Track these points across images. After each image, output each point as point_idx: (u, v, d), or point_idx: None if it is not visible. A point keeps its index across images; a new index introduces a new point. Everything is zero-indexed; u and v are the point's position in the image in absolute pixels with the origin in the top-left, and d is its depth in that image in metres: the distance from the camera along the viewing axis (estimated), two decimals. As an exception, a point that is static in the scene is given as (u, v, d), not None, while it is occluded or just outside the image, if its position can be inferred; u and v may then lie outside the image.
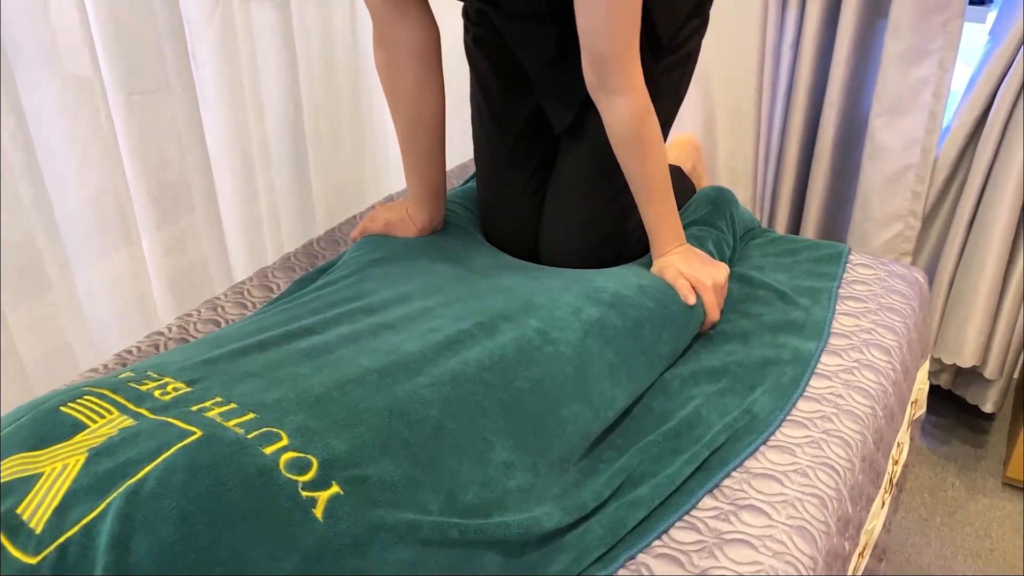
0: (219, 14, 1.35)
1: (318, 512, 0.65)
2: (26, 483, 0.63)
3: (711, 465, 0.92)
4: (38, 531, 0.60)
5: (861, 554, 1.06)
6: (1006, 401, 2.15)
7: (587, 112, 1.15)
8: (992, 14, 1.76)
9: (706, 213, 1.29)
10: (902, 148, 1.79)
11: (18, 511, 0.61)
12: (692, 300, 1.07)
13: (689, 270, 1.10)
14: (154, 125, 1.30)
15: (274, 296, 1.22)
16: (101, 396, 0.72)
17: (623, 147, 1.09)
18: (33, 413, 0.70)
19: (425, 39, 1.16)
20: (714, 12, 1.26)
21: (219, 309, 1.19)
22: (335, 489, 0.68)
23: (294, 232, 1.60)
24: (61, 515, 0.61)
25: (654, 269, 1.13)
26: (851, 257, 1.31)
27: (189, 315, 1.17)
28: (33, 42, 1.15)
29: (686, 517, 0.86)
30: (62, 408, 0.70)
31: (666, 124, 1.22)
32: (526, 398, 0.87)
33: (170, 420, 0.69)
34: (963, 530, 1.81)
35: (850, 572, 1.00)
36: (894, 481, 1.18)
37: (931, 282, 1.89)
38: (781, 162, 1.95)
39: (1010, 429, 2.03)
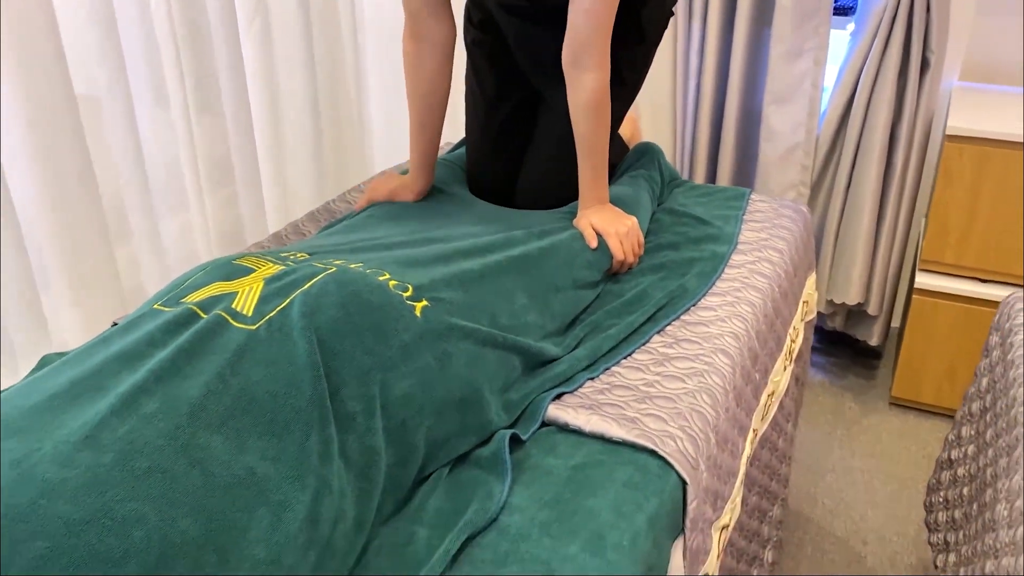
0: (259, 21, 1.68)
1: (417, 312, 0.98)
2: (229, 296, 0.94)
3: (657, 318, 1.27)
4: (250, 315, 0.90)
5: (771, 395, 1.42)
6: (889, 340, 2.57)
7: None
8: (851, 25, 2.21)
9: (639, 162, 1.66)
10: (790, 130, 2.21)
11: (233, 306, 0.92)
12: (594, 244, 1.35)
13: (600, 222, 1.37)
14: (211, 107, 1.60)
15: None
16: (258, 255, 1.04)
17: (583, 116, 1.33)
18: (215, 263, 1.01)
19: (449, 35, 1.45)
20: None
21: (283, 238, 1.50)
22: (425, 303, 1.01)
23: (311, 197, 1.92)
24: (261, 307, 0.91)
25: (575, 221, 1.41)
26: (752, 197, 1.70)
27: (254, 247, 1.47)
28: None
29: (642, 348, 1.21)
30: (234, 262, 1.02)
31: (633, 96, 1.56)
32: (533, 270, 1.22)
33: (312, 263, 1.01)
34: (859, 438, 2.20)
35: (761, 403, 1.36)
36: (792, 356, 1.55)
37: (821, 236, 2.30)
38: (695, 146, 2.35)
39: (894, 362, 2.44)
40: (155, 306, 0.95)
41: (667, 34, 2.26)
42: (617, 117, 1.53)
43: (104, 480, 0.69)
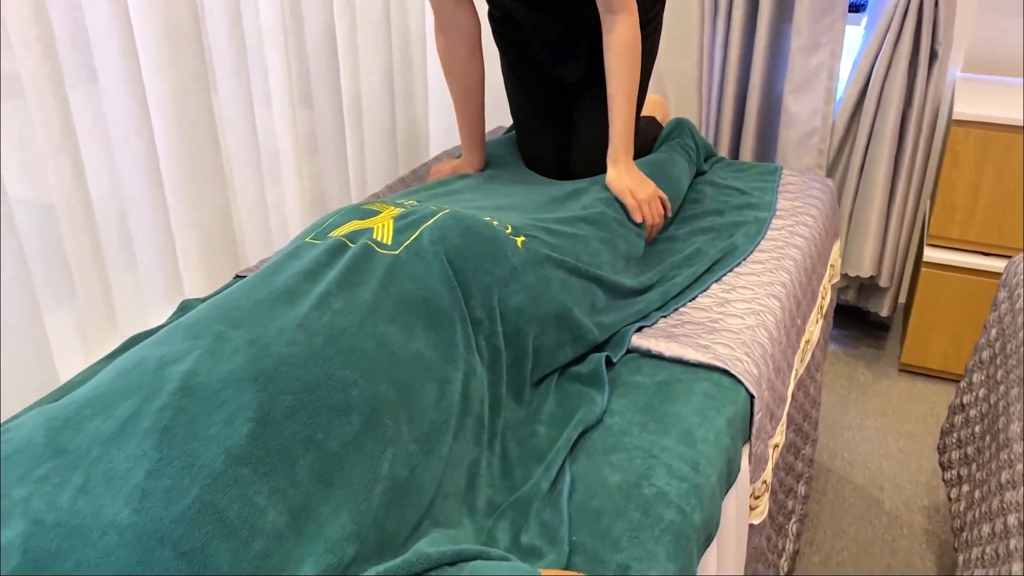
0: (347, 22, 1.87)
1: (518, 244, 1.16)
2: (367, 231, 1.11)
3: (714, 269, 1.46)
4: (390, 244, 1.08)
5: (808, 342, 1.61)
6: (896, 315, 2.77)
7: (593, 67, 1.66)
8: (865, 20, 2.40)
9: (672, 133, 1.84)
10: (808, 116, 2.40)
11: (374, 237, 1.09)
12: (639, 218, 1.48)
13: (631, 186, 1.50)
14: (309, 100, 1.79)
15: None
16: (379, 202, 1.22)
17: (618, 58, 1.44)
18: (347, 208, 1.19)
19: (473, 24, 1.61)
20: (664, 21, 1.81)
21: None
22: (523, 238, 1.19)
23: (386, 173, 2.12)
24: (396, 237, 1.09)
25: (613, 189, 1.49)
26: (784, 173, 1.89)
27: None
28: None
29: (704, 293, 1.40)
30: (363, 207, 1.19)
31: (647, 78, 1.75)
32: (599, 220, 1.40)
33: (427, 206, 1.19)
34: (872, 400, 2.39)
35: (800, 347, 1.54)
36: (823, 311, 1.73)
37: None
38: (718, 132, 2.53)
39: (902, 334, 2.63)
40: (307, 239, 1.13)
41: (694, 28, 2.45)
42: (649, 55, 1.69)
43: (321, 354, 0.87)
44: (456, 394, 0.96)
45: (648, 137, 1.85)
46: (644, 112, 2.03)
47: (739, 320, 1.32)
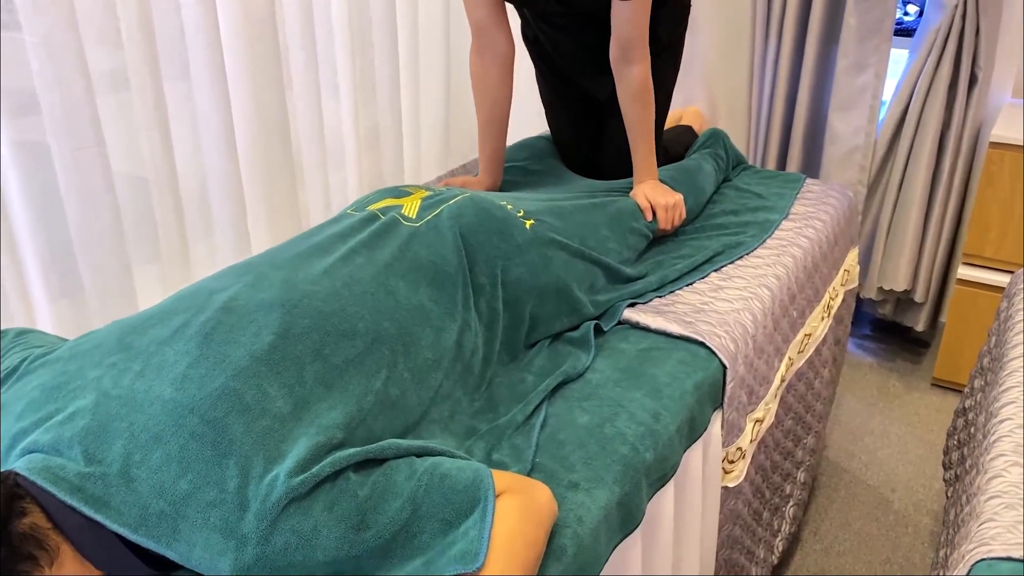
0: (409, 28, 2.10)
1: (527, 226, 1.35)
2: (398, 207, 1.32)
3: (714, 260, 1.60)
4: (414, 218, 1.28)
5: (808, 336, 1.73)
6: (936, 331, 2.82)
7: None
8: (911, 42, 2.49)
9: (706, 142, 1.99)
10: (851, 134, 2.50)
11: (402, 212, 1.30)
12: (649, 217, 1.64)
13: (651, 195, 1.66)
14: (371, 96, 2.03)
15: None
16: (413, 186, 1.43)
17: (632, 102, 1.60)
18: (385, 188, 1.40)
19: (508, 49, 1.69)
20: (715, 38, 1.95)
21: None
22: (532, 221, 1.37)
23: (437, 165, 2.34)
24: (421, 214, 1.29)
25: (632, 193, 1.66)
26: (807, 182, 2.01)
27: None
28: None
29: (701, 280, 1.55)
30: (400, 188, 1.40)
31: (670, 92, 1.87)
32: (612, 211, 1.57)
33: (452, 191, 1.39)
34: (899, 410, 2.46)
35: (798, 338, 1.67)
36: (831, 311, 1.85)
37: (875, 230, 2.59)
38: (767, 146, 2.66)
39: (937, 346, 2.69)
40: (347, 211, 1.34)
41: (743, 48, 2.59)
42: (669, 78, 1.83)
43: (337, 293, 1.07)
44: (450, 342, 1.15)
45: (681, 145, 2.01)
46: (683, 122, 2.18)
47: (727, 304, 1.47)
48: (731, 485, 1.44)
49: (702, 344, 1.36)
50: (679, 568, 1.31)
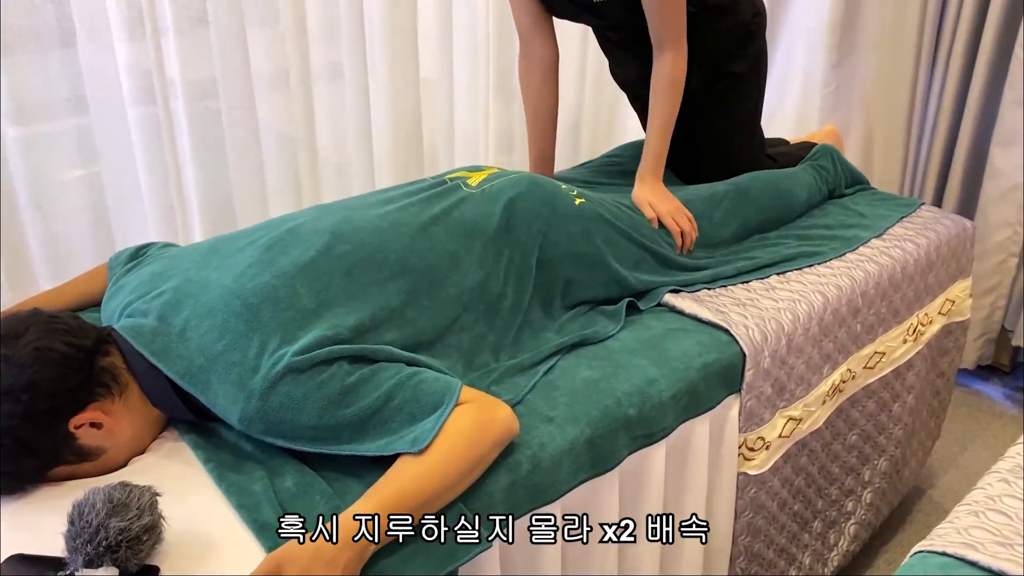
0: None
1: (576, 202, 1.52)
2: (466, 178, 1.54)
3: (781, 265, 1.67)
4: (474, 186, 1.50)
5: (882, 355, 1.73)
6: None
7: (708, 84, 1.79)
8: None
9: (814, 155, 2.00)
10: (1012, 171, 2.40)
11: (467, 183, 1.52)
12: (655, 225, 1.63)
13: (654, 202, 1.66)
14: (507, 92, 2.29)
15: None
16: (492, 166, 1.65)
17: (662, 89, 1.63)
18: (468, 166, 1.64)
19: (549, 55, 1.80)
20: (876, 66, 1.99)
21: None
22: (582, 199, 1.54)
23: (567, 162, 2.55)
24: (481, 184, 1.50)
25: (634, 196, 1.67)
26: (921, 207, 1.99)
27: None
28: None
29: (759, 280, 1.63)
30: (478, 165, 1.63)
31: (752, 131, 1.91)
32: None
33: (518, 172, 1.59)
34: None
35: (864, 352, 1.68)
36: (919, 337, 1.83)
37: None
38: (925, 178, 2.60)
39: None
40: (427, 178, 1.59)
41: (905, 78, 2.55)
42: (746, 112, 1.90)
43: (381, 231, 1.32)
44: (476, 283, 1.35)
45: (794, 158, 2.06)
46: (820, 139, 2.21)
47: (772, 303, 1.55)
48: (752, 473, 1.51)
49: (727, 331, 1.45)
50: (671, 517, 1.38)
